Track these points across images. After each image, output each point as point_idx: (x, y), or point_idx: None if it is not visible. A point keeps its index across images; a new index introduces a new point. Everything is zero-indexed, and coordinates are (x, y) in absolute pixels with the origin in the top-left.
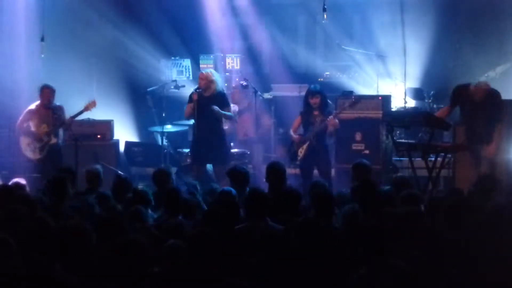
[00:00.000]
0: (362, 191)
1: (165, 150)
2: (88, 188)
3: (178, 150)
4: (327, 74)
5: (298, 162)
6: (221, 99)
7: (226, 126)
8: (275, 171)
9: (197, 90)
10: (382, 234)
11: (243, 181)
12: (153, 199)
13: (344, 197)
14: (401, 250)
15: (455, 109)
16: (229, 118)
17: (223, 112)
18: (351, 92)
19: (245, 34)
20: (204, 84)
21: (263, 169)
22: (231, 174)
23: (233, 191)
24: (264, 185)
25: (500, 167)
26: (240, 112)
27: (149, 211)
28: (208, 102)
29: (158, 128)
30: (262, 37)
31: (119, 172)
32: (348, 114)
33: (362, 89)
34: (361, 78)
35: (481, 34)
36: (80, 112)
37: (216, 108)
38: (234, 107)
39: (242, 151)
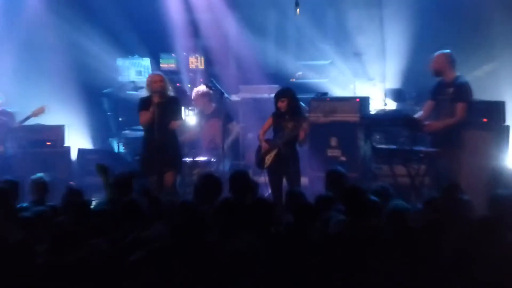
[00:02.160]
0: (351, 198)
1: (123, 158)
2: (35, 200)
3: (137, 157)
4: (299, 74)
5: (265, 170)
6: (176, 105)
7: (187, 134)
8: (237, 181)
9: (155, 93)
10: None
11: (215, 190)
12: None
13: (328, 200)
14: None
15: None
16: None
17: (178, 122)
18: (325, 94)
19: (210, 32)
20: (161, 87)
21: None
22: (204, 181)
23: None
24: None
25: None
26: (206, 118)
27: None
28: (163, 109)
29: (114, 134)
30: (229, 35)
31: (71, 182)
32: (323, 118)
33: (338, 90)
34: (337, 79)
35: (466, 31)
36: (27, 118)
37: (178, 123)
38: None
39: (207, 160)
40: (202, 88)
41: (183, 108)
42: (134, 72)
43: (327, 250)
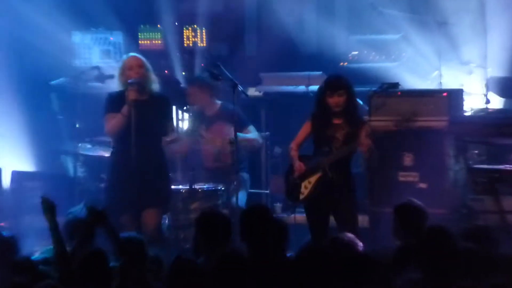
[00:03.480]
0: (432, 246)
1: (81, 186)
2: None
3: (101, 185)
4: (353, 55)
5: (301, 204)
6: (164, 105)
7: (180, 146)
8: (253, 222)
9: (131, 85)
10: None
11: (218, 234)
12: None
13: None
14: None
15: None
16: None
17: (167, 130)
18: (395, 86)
19: None
20: (140, 77)
21: None
22: (207, 223)
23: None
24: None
25: None
26: (208, 122)
27: None
28: (143, 110)
29: (68, 148)
30: None
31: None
32: (391, 123)
33: (414, 80)
34: (412, 62)
35: None
36: None
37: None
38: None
39: (212, 187)
40: (203, 77)
41: (174, 109)
42: (99, 52)
43: None
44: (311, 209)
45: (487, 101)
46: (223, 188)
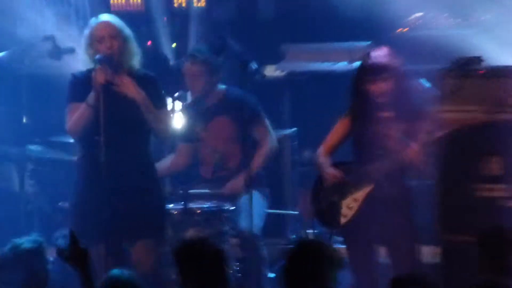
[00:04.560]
0: None
1: (30, 204)
2: None
3: (60, 204)
4: (416, 19)
5: (341, 228)
6: (151, 89)
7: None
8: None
9: (100, 63)
10: None
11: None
12: None
13: None
14: None
15: None
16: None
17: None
18: (476, 60)
19: None
20: (114, 49)
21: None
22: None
23: None
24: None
25: None
26: (208, 113)
27: None
28: (120, 97)
29: (11, 152)
30: None
31: None
32: (464, 113)
33: (502, 53)
34: (500, 28)
35: None
36: None
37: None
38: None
39: (214, 206)
40: (201, 50)
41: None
42: (53, 17)
43: None
44: (353, 237)
45: None
46: (230, 208)
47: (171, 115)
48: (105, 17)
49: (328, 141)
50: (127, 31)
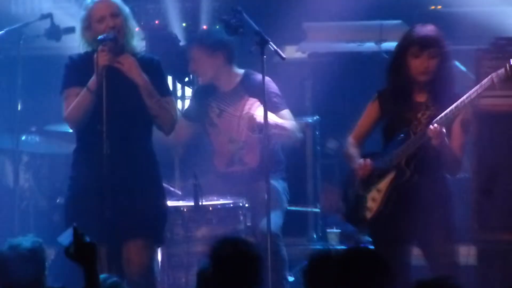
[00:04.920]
0: None
1: (25, 200)
2: None
3: (58, 200)
4: None
5: (367, 225)
6: (155, 73)
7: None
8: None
9: (102, 44)
10: None
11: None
12: None
13: None
14: None
15: None
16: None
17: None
18: None
19: None
20: (117, 28)
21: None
22: (217, 257)
23: None
24: None
25: None
26: (223, 100)
27: None
28: (123, 81)
29: (4, 143)
30: None
31: None
32: (503, 99)
33: None
34: None
35: None
36: None
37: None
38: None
39: (229, 203)
40: (214, 31)
41: (170, 80)
42: None
43: None
44: (380, 234)
45: None
46: (246, 205)
47: (176, 105)
48: None
49: (357, 129)
50: (127, 9)
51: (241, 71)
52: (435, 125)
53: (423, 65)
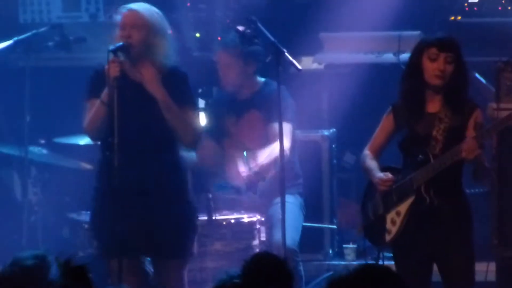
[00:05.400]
0: None
1: (34, 214)
2: None
3: (68, 215)
4: (472, 4)
5: (388, 244)
6: (178, 83)
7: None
8: None
9: (116, 52)
10: None
11: None
12: None
13: None
14: None
15: None
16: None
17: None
18: None
19: None
20: (135, 39)
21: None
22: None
23: None
24: None
25: None
26: (240, 109)
27: None
28: (142, 91)
29: (12, 154)
30: None
31: None
32: None
33: None
34: None
35: None
36: None
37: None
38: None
39: (243, 218)
40: (230, 38)
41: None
42: (61, 2)
43: None
44: (402, 255)
45: None
46: (261, 219)
47: (198, 119)
48: (134, 5)
49: (373, 141)
50: (159, 24)
51: (261, 80)
52: (470, 142)
53: (439, 68)
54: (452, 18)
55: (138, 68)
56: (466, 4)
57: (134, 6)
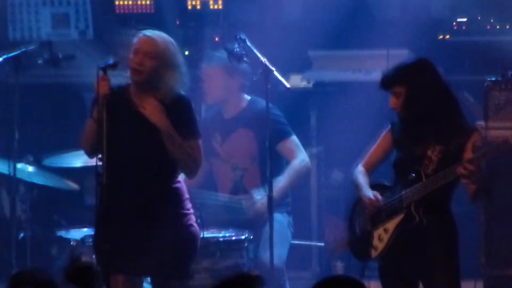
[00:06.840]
0: None
1: (22, 231)
2: None
3: (57, 233)
4: (460, 23)
5: (375, 261)
6: (181, 111)
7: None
8: None
9: (103, 70)
10: None
11: None
12: None
13: None
14: None
15: None
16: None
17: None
18: None
19: None
20: (145, 67)
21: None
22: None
23: None
24: None
25: None
26: (226, 128)
27: None
28: (146, 122)
29: (1, 168)
30: None
31: None
32: None
33: None
34: None
35: None
36: None
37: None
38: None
39: (232, 235)
40: (218, 56)
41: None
42: (51, 18)
43: None
44: (388, 272)
45: None
46: (250, 237)
47: (201, 149)
48: (152, 33)
49: (368, 157)
50: (173, 56)
51: (247, 97)
52: (467, 165)
53: (392, 106)
54: (441, 37)
55: (142, 96)
56: (454, 23)
57: (152, 34)
